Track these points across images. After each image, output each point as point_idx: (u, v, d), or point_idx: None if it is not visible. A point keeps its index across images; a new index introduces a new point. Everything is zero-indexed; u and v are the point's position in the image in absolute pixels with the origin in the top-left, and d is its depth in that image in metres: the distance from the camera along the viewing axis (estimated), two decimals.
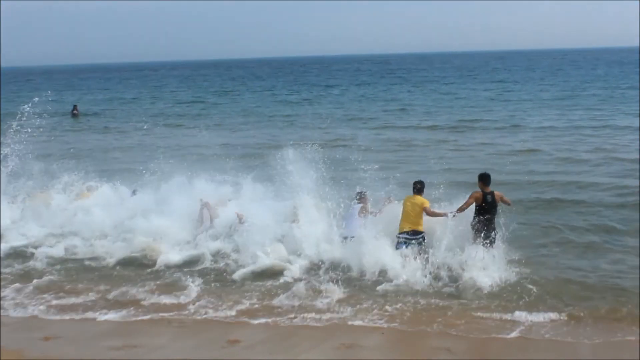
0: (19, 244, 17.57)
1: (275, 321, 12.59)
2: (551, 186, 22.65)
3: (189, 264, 15.87)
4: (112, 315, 13.01)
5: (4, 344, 11.63)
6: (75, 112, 54.03)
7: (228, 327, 12.42)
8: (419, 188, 15.95)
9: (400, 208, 16.02)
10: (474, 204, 15.28)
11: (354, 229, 16.08)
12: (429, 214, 15.57)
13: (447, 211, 15.58)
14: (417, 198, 15.76)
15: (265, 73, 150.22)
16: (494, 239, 15.06)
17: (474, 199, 15.23)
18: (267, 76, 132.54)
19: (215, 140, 35.88)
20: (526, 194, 21.20)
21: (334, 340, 11.75)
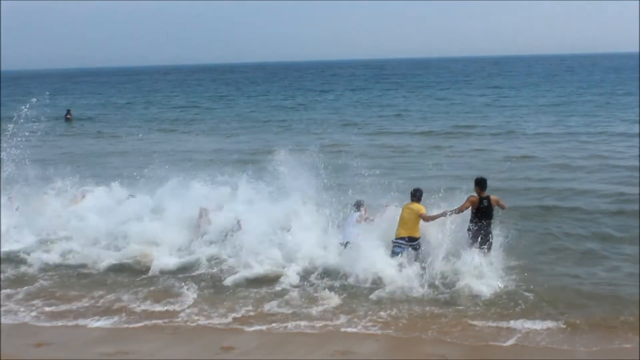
0: (12, 249, 17.47)
1: (269, 328, 12.57)
2: (547, 193, 22.65)
3: (183, 270, 15.84)
4: (104, 322, 12.96)
5: None
6: (68, 116, 53.87)
7: (222, 334, 12.38)
8: (417, 196, 16.03)
9: (397, 215, 16.05)
10: (470, 208, 15.35)
11: (351, 235, 16.08)
12: (426, 220, 15.58)
13: (445, 210, 15.61)
14: (414, 205, 15.81)
15: (260, 78, 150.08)
16: (490, 244, 15.13)
17: (470, 202, 15.31)
18: (261, 81, 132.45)
19: (209, 145, 35.89)
20: (522, 201, 21.21)
21: (328, 347, 11.73)
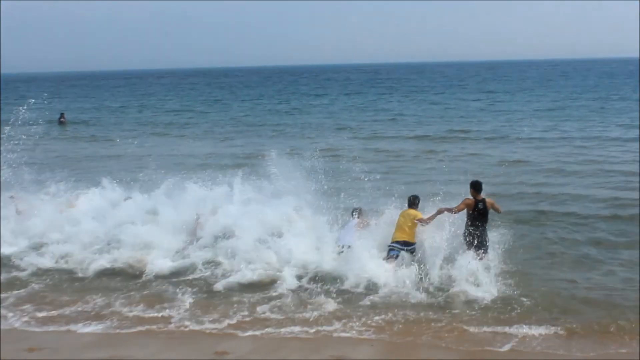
0: (5, 253, 17.38)
1: (263, 333, 12.53)
2: (542, 197, 22.67)
3: (177, 275, 15.77)
4: (96, 327, 12.89)
5: None
6: (62, 119, 53.70)
7: (216, 339, 12.33)
8: (414, 202, 16.28)
9: (394, 220, 16.24)
10: (466, 211, 15.50)
11: (349, 239, 16.11)
12: (424, 222, 15.75)
13: (440, 207, 15.85)
14: (411, 211, 16.07)
15: (254, 82, 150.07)
16: (487, 247, 15.23)
17: (465, 205, 15.47)
18: (255, 85, 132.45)
19: (203, 149, 35.90)
20: (517, 205, 21.21)
21: (323, 352, 11.71)
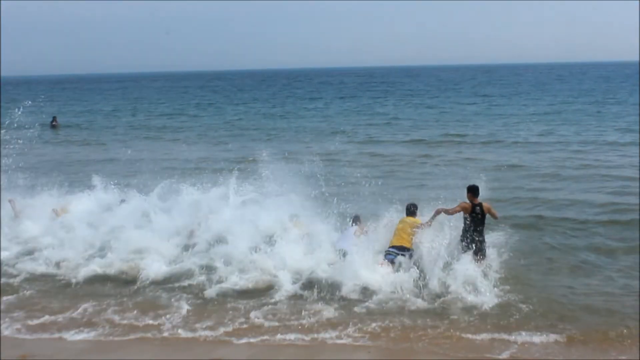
0: None
1: (259, 340, 12.45)
2: (539, 202, 22.60)
3: (171, 281, 15.65)
4: (88, 335, 12.79)
5: None
6: (54, 123, 53.58)
7: (211, 346, 12.28)
8: (412, 210, 16.52)
9: (392, 227, 16.41)
10: (462, 215, 15.66)
11: (347, 246, 16.08)
12: (425, 226, 15.89)
13: (438, 208, 16.05)
14: (409, 219, 16.26)
15: (248, 85, 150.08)
16: (484, 252, 15.28)
17: (461, 207, 15.63)
18: (249, 88, 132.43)
19: (196, 153, 35.76)
20: (514, 211, 21.17)
21: (319, 359, 11.64)
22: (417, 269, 15.05)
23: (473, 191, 15.73)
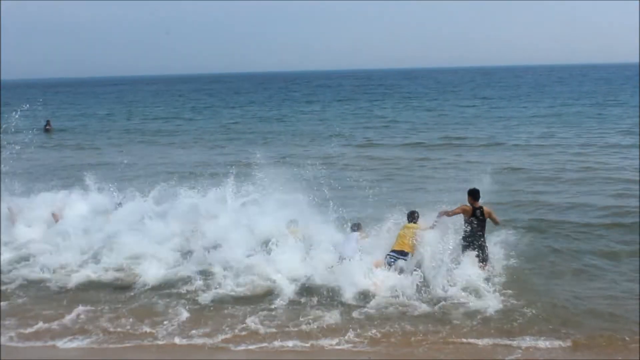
0: None
1: (257, 347, 12.37)
2: (540, 206, 22.56)
3: (167, 287, 15.52)
4: (82, 342, 12.67)
5: None
6: (48, 127, 53.51)
7: (209, 353, 12.21)
8: (414, 217, 16.62)
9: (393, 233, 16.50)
10: (463, 217, 15.75)
11: (350, 251, 15.99)
12: (424, 230, 15.97)
13: (440, 211, 16.21)
14: (412, 225, 16.34)
15: (244, 88, 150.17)
16: (486, 256, 15.34)
17: (462, 210, 15.80)
18: (246, 92, 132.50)
19: (192, 157, 35.74)
20: (516, 214, 21.09)
21: None
22: (419, 273, 14.98)
23: (473, 195, 15.88)
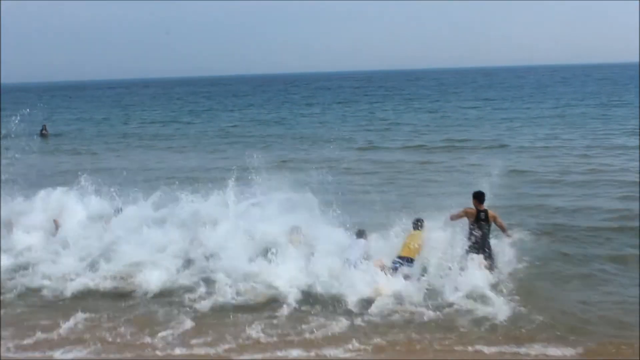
0: None
1: (260, 357, 12.26)
2: (547, 209, 22.46)
3: (167, 295, 15.40)
4: (80, 353, 12.55)
5: None
6: (44, 132, 53.43)
7: None
8: (420, 225, 16.79)
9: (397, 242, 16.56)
10: (467, 220, 15.99)
11: (355, 258, 15.95)
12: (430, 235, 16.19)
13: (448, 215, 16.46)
14: (418, 233, 16.45)
15: (243, 91, 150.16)
16: (492, 259, 15.57)
17: (465, 212, 16.08)
18: (244, 94, 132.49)
19: (190, 162, 35.70)
20: (521, 218, 20.92)
21: None
22: (425, 279, 14.96)
23: (478, 197, 16.05)
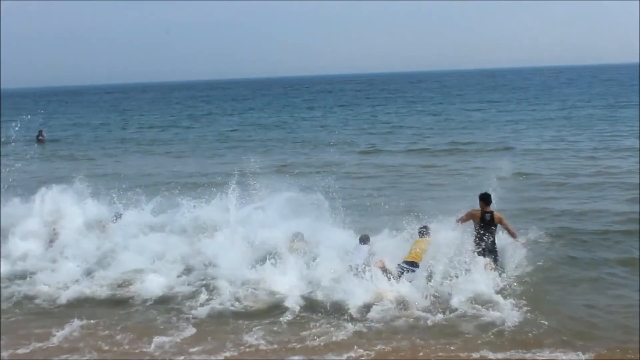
0: None
1: None
2: (554, 213, 22.42)
3: (167, 302, 15.36)
4: None
5: None
6: (40, 137, 53.49)
7: None
8: (425, 232, 16.87)
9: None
10: (472, 222, 16.21)
11: (360, 263, 15.98)
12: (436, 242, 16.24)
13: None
14: (424, 240, 16.51)
15: (242, 95, 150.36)
16: (497, 261, 15.74)
17: (470, 215, 16.32)
18: (244, 98, 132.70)
19: (189, 167, 35.70)
20: (528, 222, 20.84)
21: None
22: (430, 284, 14.95)
23: (485, 199, 16.30)
